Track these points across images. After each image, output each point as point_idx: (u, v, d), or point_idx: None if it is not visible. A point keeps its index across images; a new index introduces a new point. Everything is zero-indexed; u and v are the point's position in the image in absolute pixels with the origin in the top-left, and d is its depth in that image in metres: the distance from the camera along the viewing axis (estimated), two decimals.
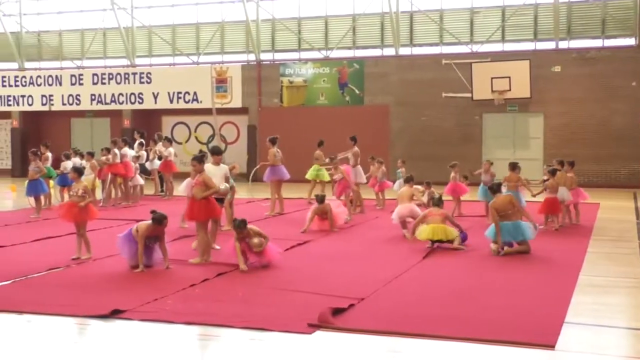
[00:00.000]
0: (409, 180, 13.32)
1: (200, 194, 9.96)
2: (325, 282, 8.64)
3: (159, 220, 9.59)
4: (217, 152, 11.32)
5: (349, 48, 26.59)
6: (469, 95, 24.17)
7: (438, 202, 11.80)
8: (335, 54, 26.56)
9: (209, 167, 11.04)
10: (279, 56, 27.36)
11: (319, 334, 6.60)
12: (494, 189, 11.32)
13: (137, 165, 18.62)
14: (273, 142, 16.02)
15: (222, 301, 7.76)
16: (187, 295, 8.07)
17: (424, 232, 11.33)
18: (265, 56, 27.29)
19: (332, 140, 21.55)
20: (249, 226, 9.69)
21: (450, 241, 11.17)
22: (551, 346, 6.17)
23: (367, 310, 7.36)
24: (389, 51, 25.91)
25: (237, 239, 9.56)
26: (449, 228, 11.35)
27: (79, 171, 11.20)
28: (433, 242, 11.24)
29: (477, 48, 25.09)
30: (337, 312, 7.15)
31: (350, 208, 15.13)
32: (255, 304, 7.62)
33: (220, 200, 10.88)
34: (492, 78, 23.66)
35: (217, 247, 10.66)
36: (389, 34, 25.74)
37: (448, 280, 9.00)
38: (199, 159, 10.28)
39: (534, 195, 14.22)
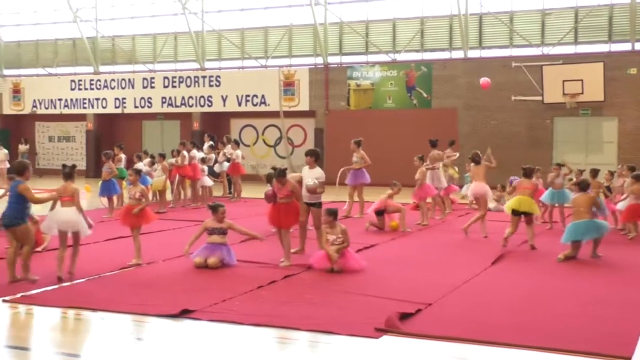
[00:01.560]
0: (477, 161, 13.40)
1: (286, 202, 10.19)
2: (392, 286, 8.59)
3: (214, 208, 10.00)
4: (309, 154, 11.40)
5: (417, 51, 26.41)
6: (539, 98, 23.68)
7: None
8: (402, 56, 26.42)
9: (304, 169, 11.22)
10: (346, 59, 27.37)
11: (386, 338, 6.56)
12: (582, 186, 11.13)
13: (205, 167, 18.88)
14: (358, 144, 16.04)
15: (289, 303, 7.80)
16: (254, 296, 8.14)
17: (511, 203, 11.67)
18: (333, 59, 27.35)
19: (399, 143, 21.56)
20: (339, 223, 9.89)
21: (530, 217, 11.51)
22: (627, 358, 5.98)
23: (435, 316, 7.29)
24: (458, 54, 25.63)
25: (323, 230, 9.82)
26: (535, 203, 11.64)
27: (138, 173, 11.28)
28: (518, 213, 11.46)
29: (548, 50, 24.57)
30: (404, 316, 7.10)
31: (426, 214, 14.99)
32: (322, 307, 7.63)
33: (317, 205, 10.90)
34: (563, 81, 23.11)
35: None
36: (458, 37, 25.46)
37: (518, 286, 8.83)
38: (283, 174, 10.27)
39: (615, 203, 13.83)
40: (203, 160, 18.78)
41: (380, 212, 13.86)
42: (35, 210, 10.66)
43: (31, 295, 8.17)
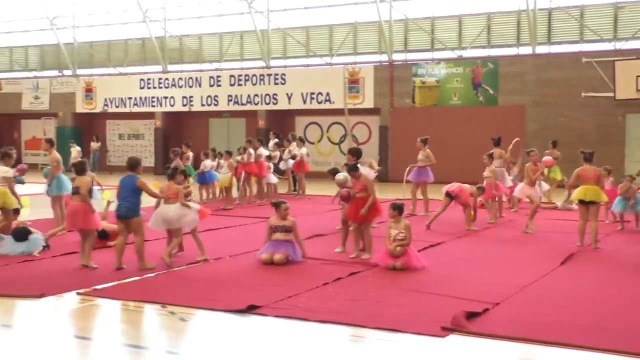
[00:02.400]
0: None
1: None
2: (459, 285, 8.52)
3: (277, 205, 10.16)
4: (351, 153, 11.53)
5: (484, 47, 26.04)
6: (611, 95, 23.04)
7: None
8: (469, 53, 26.09)
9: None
10: (411, 56, 27.21)
11: (453, 337, 6.51)
12: None
13: (271, 164, 19.05)
14: (425, 142, 15.99)
15: (354, 301, 7.81)
16: (320, 293, 8.18)
17: (577, 193, 11.56)
18: (398, 57, 27.22)
19: (465, 141, 21.34)
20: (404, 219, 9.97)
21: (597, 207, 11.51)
22: None
23: (502, 316, 7.19)
24: (526, 50, 25.16)
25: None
26: (601, 190, 11.48)
27: (184, 173, 11.35)
28: (585, 203, 11.41)
29: (621, 45, 23.88)
30: (471, 316, 7.04)
31: (496, 213, 14.83)
32: (388, 305, 7.62)
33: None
34: (637, 77, 22.42)
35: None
36: (526, 32, 24.99)
37: (588, 287, 8.64)
38: (355, 168, 10.65)
39: None
40: (269, 158, 18.94)
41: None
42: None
43: (104, 288, 8.41)
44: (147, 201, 10.59)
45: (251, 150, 18.30)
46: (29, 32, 34.41)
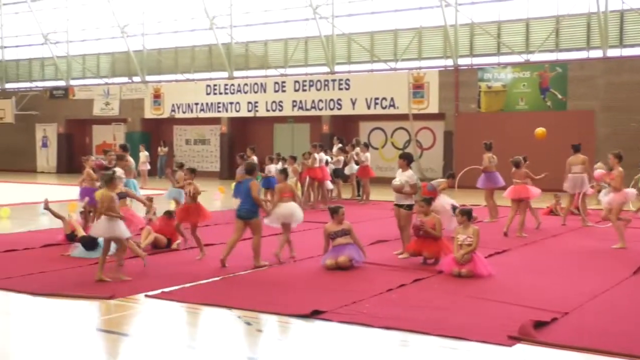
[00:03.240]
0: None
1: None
2: (526, 293, 8.36)
3: (334, 210, 10.23)
4: (403, 157, 11.51)
5: (551, 51, 25.55)
6: None
7: None
8: (536, 57, 25.63)
9: (398, 172, 11.31)
10: (477, 61, 26.89)
11: (520, 347, 6.39)
12: None
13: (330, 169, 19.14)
14: (488, 147, 15.84)
15: (418, 307, 7.75)
16: (384, 299, 8.15)
17: None
18: (463, 61, 26.94)
19: (532, 146, 20.82)
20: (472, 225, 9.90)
21: None
22: None
23: (571, 325, 7.02)
24: (596, 53, 24.56)
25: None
26: None
27: (193, 172, 11.87)
28: None
29: None
30: (538, 325, 6.89)
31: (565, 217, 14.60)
32: (452, 312, 7.54)
33: (406, 207, 10.88)
34: None
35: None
36: (596, 35, 24.41)
37: None
38: (429, 202, 10.84)
39: None
40: (326, 163, 19.04)
41: None
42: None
43: (171, 291, 8.57)
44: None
45: (316, 155, 18.38)
46: (101, 40, 35.40)
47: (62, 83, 36.45)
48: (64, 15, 35.76)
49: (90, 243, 10.72)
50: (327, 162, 19.04)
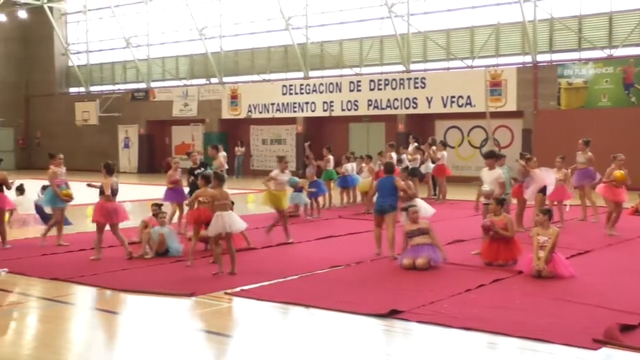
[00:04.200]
0: None
1: None
2: (610, 295, 8.13)
3: (404, 209, 10.40)
4: (489, 156, 11.35)
5: (637, 45, 24.68)
6: None
7: None
8: (620, 52, 24.80)
9: (483, 171, 11.18)
10: (556, 57, 26.24)
11: (605, 350, 6.22)
12: None
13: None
14: (587, 143, 15.53)
15: (498, 308, 7.64)
16: (462, 300, 8.06)
17: None
18: (542, 57, 26.33)
19: (615, 144, 20.25)
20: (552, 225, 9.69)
21: None
22: None
23: None
24: None
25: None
26: None
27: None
28: None
29: None
30: (625, 328, 6.69)
31: None
32: (533, 313, 7.39)
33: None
34: None
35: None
36: None
37: None
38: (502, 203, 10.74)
39: None
40: (399, 162, 18.95)
41: None
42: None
43: (250, 289, 8.69)
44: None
45: (392, 154, 18.31)
46: (180, 43, 36.18)
47: (142, 85, 37.43)
48: (145, 19, 36.72)
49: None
50: (399, 161, 18.92)
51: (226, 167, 25.93)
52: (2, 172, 12.15)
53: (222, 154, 26.88)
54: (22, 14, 38.30)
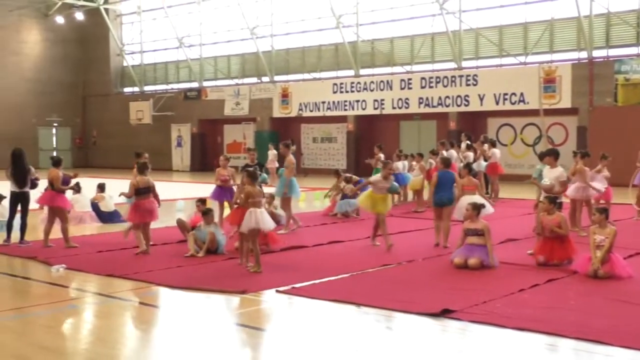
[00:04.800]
0: None
1: None
2: None
3: (476, 207, 10.18)
4: (549, 154, 11.19)
5: None
6: None
7: None
8: None
9: (545, 169, 11.02)
10: (613, 52, 25.64)
11: None
12: None
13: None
14: None
15: (553, 308, 7.50)
16: (516, 299, 7.94)
17: None
18: (598, 53, 25.77)
19: None
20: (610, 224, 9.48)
21: None
22: None
23: None
24: None
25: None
26: None
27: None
28: None
29: None
30: None
31: None
32: (590, 314, 7.24)
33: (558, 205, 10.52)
34: None
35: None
36: None
37: None
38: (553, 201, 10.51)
39: None
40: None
41: None
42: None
43: (301, 287, 8.72)
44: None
45: (444, 152, 18.15)
46: (231, 42, 36.51)
47: (195, 85, 37.90)
48: (197, 19, 37.16)
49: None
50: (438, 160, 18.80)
51: (277, 165, 26.22)
52: (55, 171, 12.26)
53: (273, 152, 27.17)
54: (79, 16, 39.20)
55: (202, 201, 12.11)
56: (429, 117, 29.87)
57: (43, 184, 12.47)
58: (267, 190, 13.43)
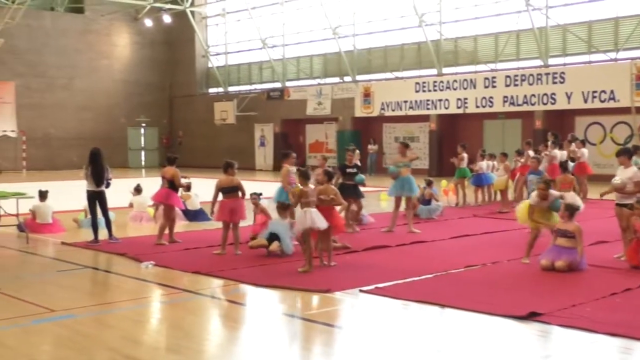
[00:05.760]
0: None
1: None
2: None
3: (569, 208, 9.89)
4: (623, 154, 10.85)
5: None
6: None
7: None
8: None
9: (619, 169, 10.68)
10: None
11: None
12: None
13: None
14: None
15: None
16: (607, 304, 7.70)
17: None
18: None
19: None
20: None
21: None
22: None
23: None
24: None
25: None
26: None
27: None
28: None
29: None
30: None
31: None
32: None
33: (628, 206, 10.15)
34: None
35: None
36: None
37: None
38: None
39: None
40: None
41: None
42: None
43: (385, 287, 8.71)
44: None
45: (530, 152, 17.77)
46: (314, 42, 36.74)
47: (278, 85, 38.32)
48: (280, 20, 37.56)
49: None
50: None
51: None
52: (173, 169, 12.51)
53: (356, 152, 27.14)
54: (167, 19, 40.24)
55: (257, 194, 12.31)
56: (514, 115, 29.27)
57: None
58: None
